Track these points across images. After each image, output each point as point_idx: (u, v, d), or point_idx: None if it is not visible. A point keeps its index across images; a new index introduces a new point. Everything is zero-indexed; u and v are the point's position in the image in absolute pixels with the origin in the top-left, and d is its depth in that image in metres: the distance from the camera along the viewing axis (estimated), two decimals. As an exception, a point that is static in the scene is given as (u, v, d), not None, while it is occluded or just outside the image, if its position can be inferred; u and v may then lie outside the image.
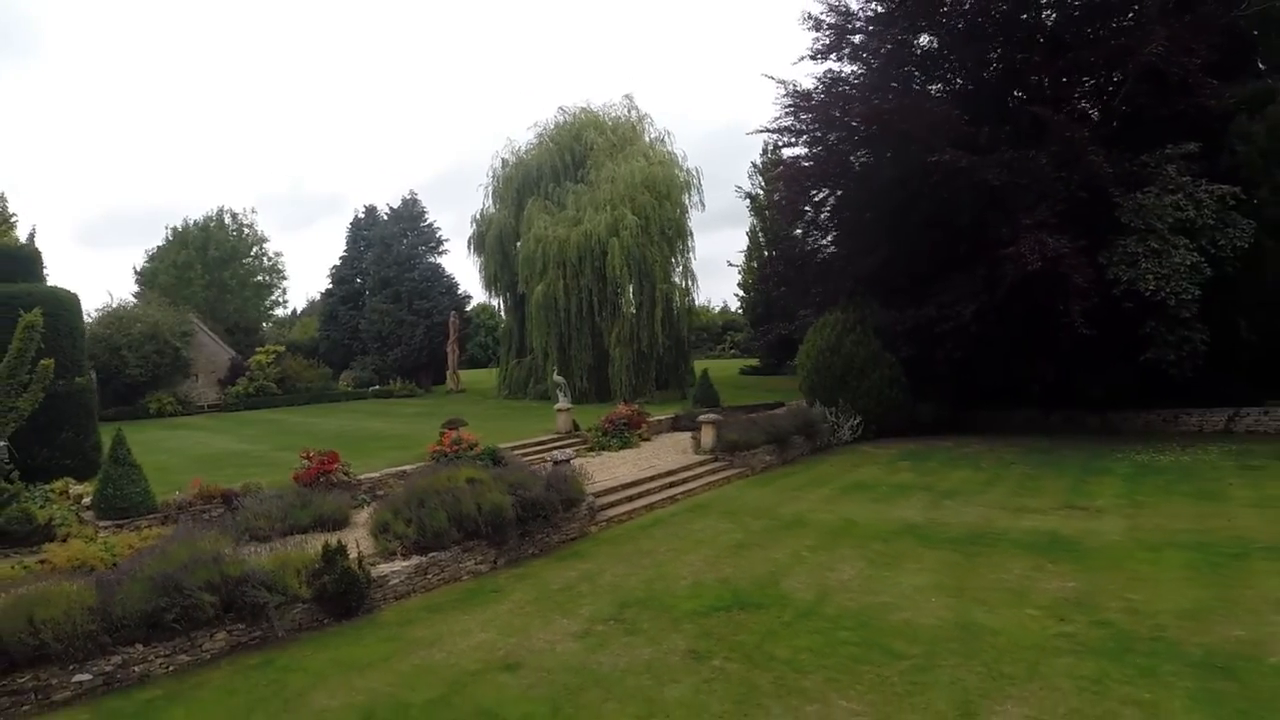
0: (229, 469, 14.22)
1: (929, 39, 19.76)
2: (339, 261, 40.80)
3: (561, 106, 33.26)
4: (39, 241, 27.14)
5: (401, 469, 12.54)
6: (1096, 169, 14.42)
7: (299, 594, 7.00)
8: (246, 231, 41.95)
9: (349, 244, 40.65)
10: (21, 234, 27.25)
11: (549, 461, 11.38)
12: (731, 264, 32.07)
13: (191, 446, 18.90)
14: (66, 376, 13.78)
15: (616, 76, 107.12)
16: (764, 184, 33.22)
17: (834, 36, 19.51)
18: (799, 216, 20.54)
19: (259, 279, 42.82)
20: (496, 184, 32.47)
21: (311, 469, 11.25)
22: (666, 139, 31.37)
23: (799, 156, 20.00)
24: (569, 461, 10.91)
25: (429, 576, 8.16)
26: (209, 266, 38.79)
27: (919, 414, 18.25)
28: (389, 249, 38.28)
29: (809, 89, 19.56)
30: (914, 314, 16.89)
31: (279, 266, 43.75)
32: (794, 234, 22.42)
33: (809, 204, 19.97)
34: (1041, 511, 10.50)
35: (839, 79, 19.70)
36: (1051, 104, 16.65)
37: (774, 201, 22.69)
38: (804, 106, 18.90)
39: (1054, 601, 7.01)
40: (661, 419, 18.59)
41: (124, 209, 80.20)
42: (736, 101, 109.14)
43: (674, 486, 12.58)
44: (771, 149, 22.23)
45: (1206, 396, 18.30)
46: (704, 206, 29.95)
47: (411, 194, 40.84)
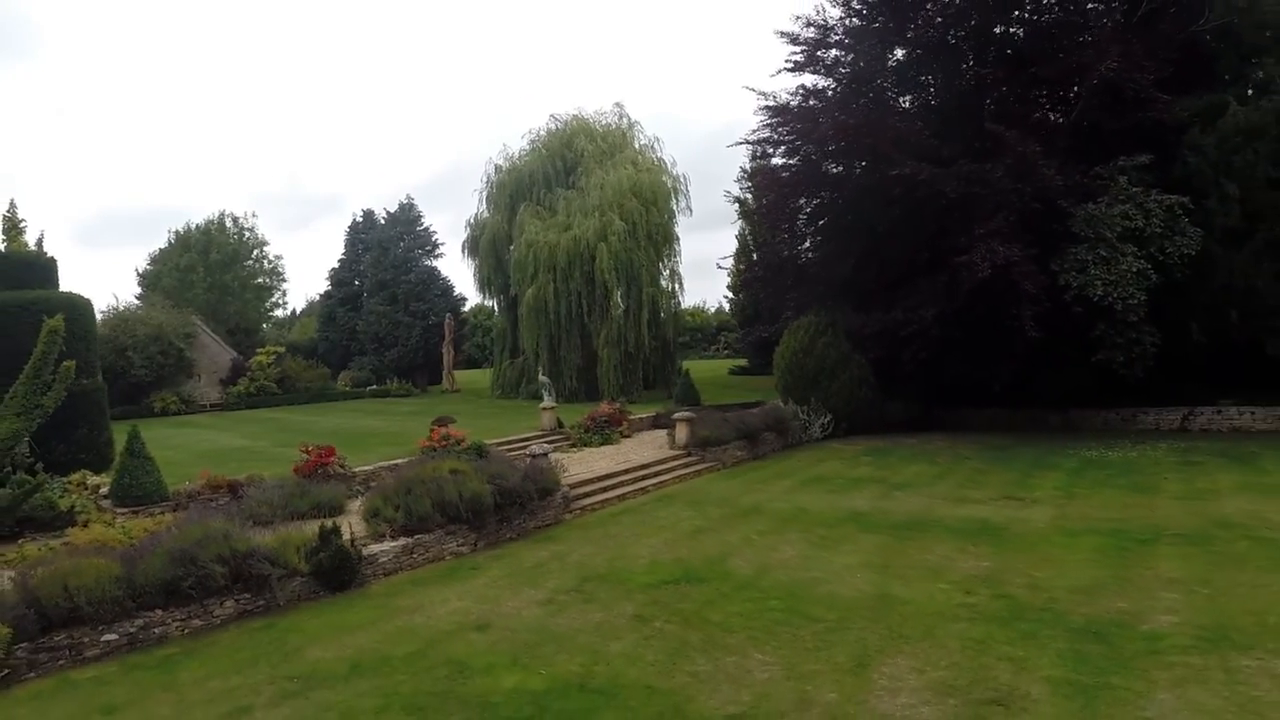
0: (232, 463, 15.12)
1: (903, 52, 20.71)
2: (337, 264, 41.80)
3: (553, 114, 34.26)
4: (46, 245, 27.99)
5: (393, 462, 13.46)
6: (1048, 182, 15.35)
7: (298, 568, 7.93)
8: (247, 235, 42.97)
9: (347, 247, 41.62)
10: (30, 238, 28.09)
11: (529, 456, 12.30)
12: (720, 266, 32.96)
13: (196, 443, 19.83)
14: (82, 377, 14.68)
15: (617, 72, 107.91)
16: (751, 189, 34.18)
17: (808, 51, 20.43)
18: (778, 224, 21.48)
19: (259, 281, 43.85)
20: (490, 190, 33.40)
21: (310, 462, 12.18)
22: (656, 145, 32.45)
23: (777, 167, 20.94)
24: (546, 455, 11.85)
25: (414, 556, 9.09)
26: (211, 269, 39.76)
27: (888, 412, 19.19)
28: (386, 252, 39.25)
29: (786, 101, 20.54)
30: (881, 317, 17.83)
31: (279, 269, 44.84)
32: (773, 240, 23.34)
33: (787, 212, 20.91)
34: (980, 502, 11.44)
35: (814, 92, 20.66)
36: (1017, 117, 17.56)
37: (757, 207, 23.58)
38: (781, 120, 19.85)
39: (965, 578, 7.93)
40: (643, 417, 19.52)
41: (121, 209, 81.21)
42: (736, 100, 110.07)
43: (647, 479, 13.52)
44: (759, 155, 23.02)
45: (1163, 396, 19.25)
46: (691, 211, 31.02)
47: (408, 198, 41.84)
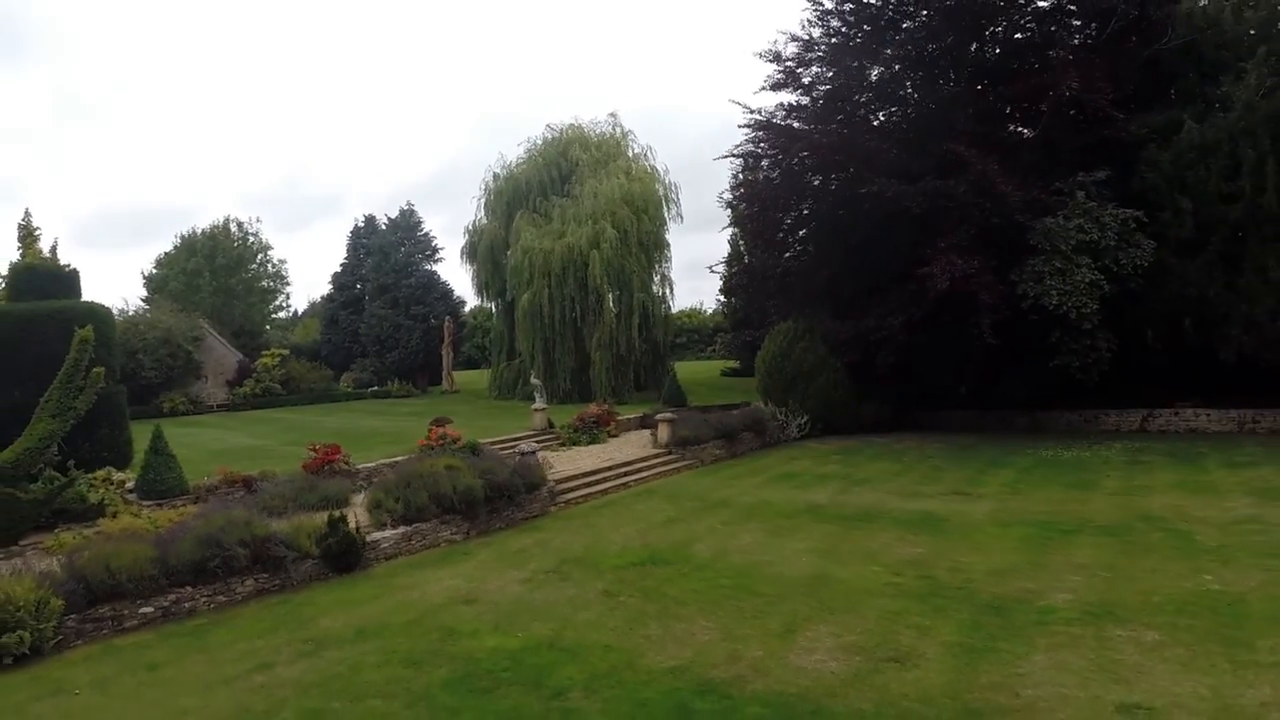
0: (244, 461, 16.15)
1: (879, 70, 21.74)
2: (339, 268, 42.96)
3: (549, 124, 35.39)
4: (58, 252, 29.09)
5: (394, 460, 14.51)
6: (1007, 198, 16.37)
7: (310, 552, 9.00)
8: (252, 240, 44.13)
9: (349, 251, 42.76)
10: (44, 245, 29.20)
11: (519, 454, 13.37)
12: (714, 270, 33.99)
13: (208, 442, 20.89)
14: (105, 381, 15.74)
15: (617, 69, 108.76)
16: (736, 199, 35.26)
17: (788, 70, 21.45)
18: (760, 235, 22.54)
19: (264, 285, 44.99)
20: (488, 197, 34.48)
21: (317, 459, 13.25)
22: (648, 154, 33.54)
23: (760, 180, 21.98)
24: (533, 454, 12.92)
25: (413, 542, 10.16)
26: (216, 274, 40.89)
27: (862, 413, 20.23)
28: (387, 257, 40.37)
29: (769, 117, 21.59)
30: (855, 324, 18.87)
31: (282, 273, 46.01)
32: (757, 249, 24.38)
33: (769, 223, 21.94)
34: (931, 496, 12.48)
35: (794, 109, 21.73)
36: (982, 135, 18.54)
37: (742, 218, 24.62)
38: (763, 136, 20.90)
39: (898, 562, 8.97)
40: (630, 417, 20.57)
41: (119, 208, 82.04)
42: (736, 98, 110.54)
43: (629, 476, 14.58)
44: (743, 168, 24.08)
45: (1125, 398, 20.27)
46: (682, 219, 32.09)
47: (409, 204, 43.08)
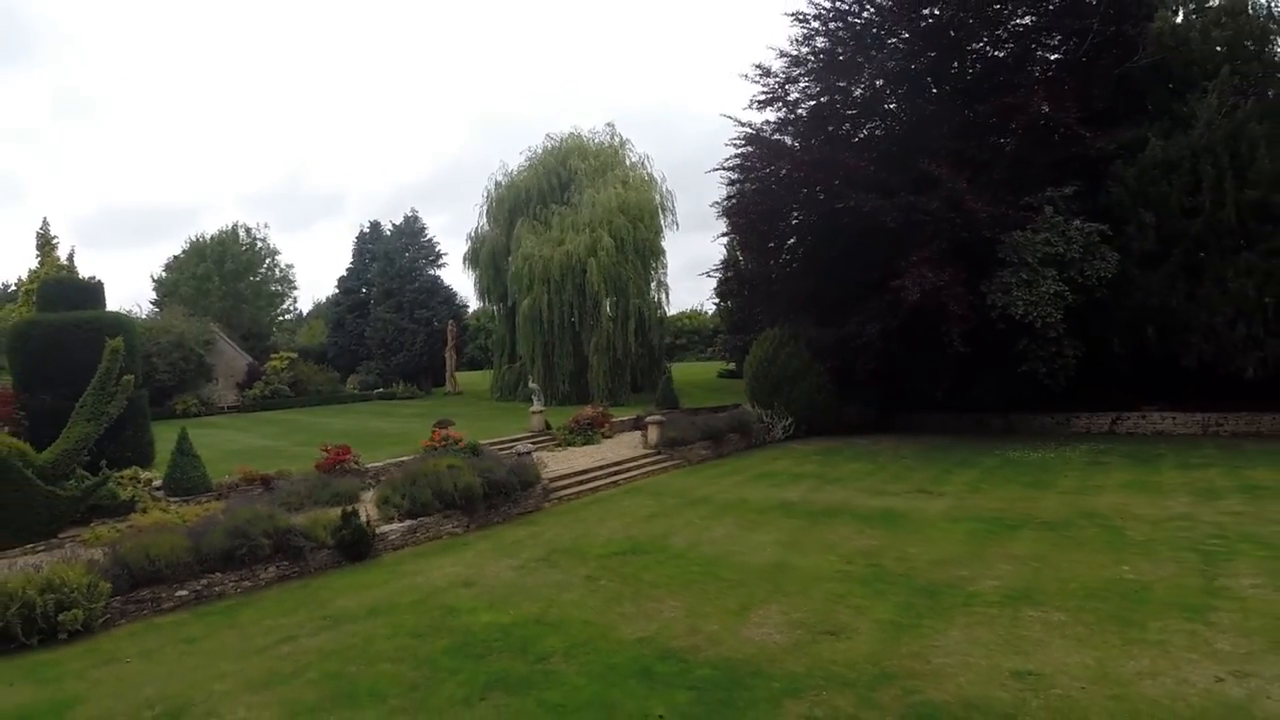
0: (258, 460, 17.23)
1: (864, 86, 22.73)
2: (345, 272, 44.19)
3: (549, 134, 36.50)
4: (75, 260, 30.26)
5: (400, 460, 15.57)
6: (975, 214, 17.36)
7: (325, 542, 10.05)
8: (260, 245, 45.32)
9: (354, 256, 43.98)
10: (61, 253, 30.36)
11: (516, 454, 14.40)
12: (711, 274, 34.95)
13: (222, 442, 21.99)
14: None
15: (617, 66, 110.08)
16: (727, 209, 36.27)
17: (776, 88, 22.48)
18: (749, 245, 23.56)
19: (272, 289, 46.19)
20: (490, 205, 35.63)
21: (329, 459, 14.31)
22: (645, 162, 34.72)
23: (748, 192, 22.97)
24: (529, 454, 13.96)
25: (417, 535, 11.21)
26: (226, 278, 42.08)
27: (845, 416, 21.24)
28: (392, 262, 41.54)
29: (757, 130, 22.60)
30: (837, 331, 19.88)
31: (290, 277, 47.23)
32: (746, 258, 25.42)
33: (757, 234, 22.96)
34: (895, 494, 13.48)
35: (782, 123, 22.75)
36: (954, 151, 19.54)
37: (732, 227, 25.59)
38: (752, 149, 21.92)
39: (852, 552, 9.97)
40: (624, 419, 21.60)
41: (120, 209, 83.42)
42: (738, 93, 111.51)
43: (619, 475, 15.61)
44: (733, 181, 25.05)
45: (1095, 402, 21.22)
46: (678, 226, 33.26)
47: (413, 210, 44.29)
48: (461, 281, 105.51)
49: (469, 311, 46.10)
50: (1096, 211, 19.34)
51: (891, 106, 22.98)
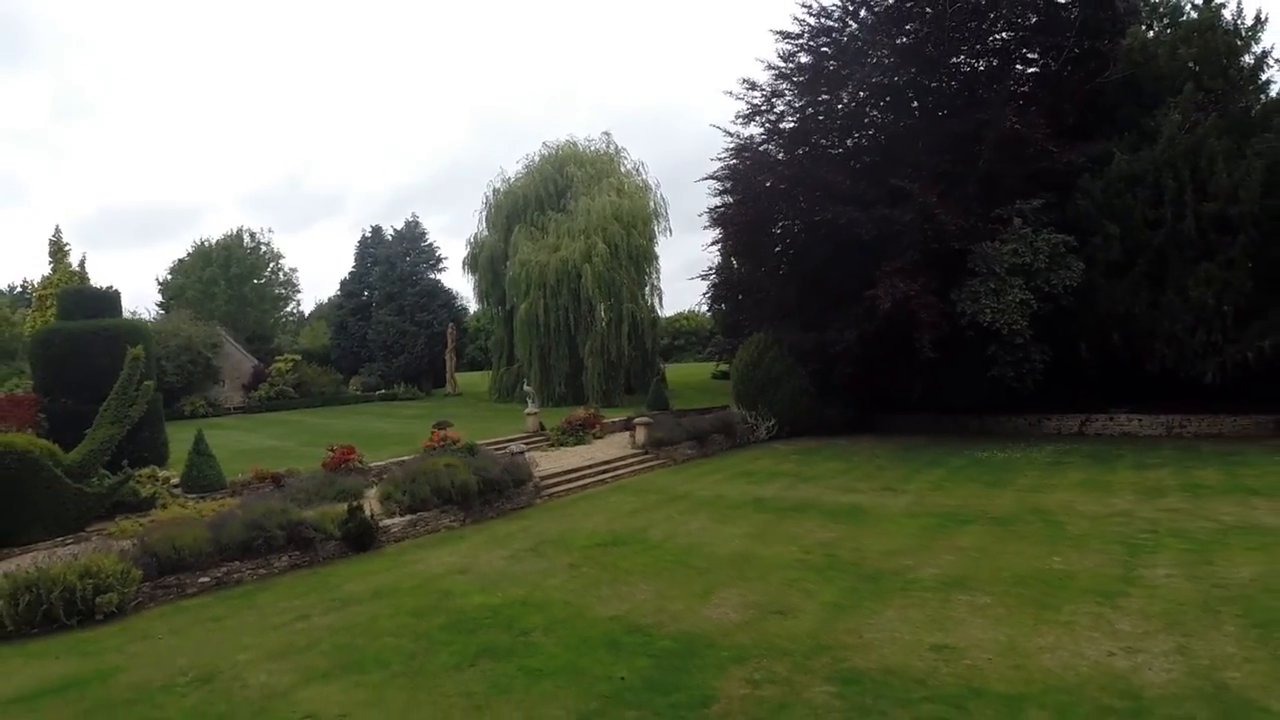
0: (267, 460, 18.20)
1: (847, 99, 23.68)
2: (348, 276, 45.20)
3: (545, 142, 37.68)
4: (86, 266, 31.32)
5: (401, 459, 16.54)
6: (945, 227, 18.31)
7: (333, 534, 11.04)
8: (264, 250, 46.39)
9: (357, 260, 45.03)
10: (73, 259, 31.41)
11: (510, 454, 15.39)
12: (704, 277, 35.85)
13: (232, 443, 22.96)
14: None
15: (618, 63, 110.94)
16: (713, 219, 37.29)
17: (763, 101, 23.46)
18: (735, 253, 24.53)
19: (276, 292, 47.27)
20: (489, 211, 36.64)
21: (335, 458, 15.30)
22: (640, 169, 35.73)
23: (733, 203, 23.94)
24: (522, 454, 14.95)
25: (417, 528, 12.20)
26: (231, 282, 43.14)
27: (826, 417, 22.20)
28: (393, 267, 42.60)
29: (744, 143, 23.58)
30: (817, 337, 20.83)
31: (293, 280, 48.35)
32: (732, 265, 26.40)
33: (742, 244, 23.93)
34: (863, 491, 14.44)
35: (770, 134, 23.72)
36: (927, 167, 20.48)
37: (720, 237, 26.55)
38: (737, 165, 22.88)
39: (813, 544, 10.94)
40: (616, 420, 22.57)
41: (121, 209, 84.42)
42: (734, 101, 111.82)
43: (607, 473, 16.59)
44: (721, 191, 26.01)
45: (1068, 404, 22.17)
46: (671, 232, 34.40)
47: (414, 216, 45.37)
48: (461, 283, 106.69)
49: (469, 314, 47.16)
50: (1065, 223, 20.21)
51: (875, 115, 23.88)
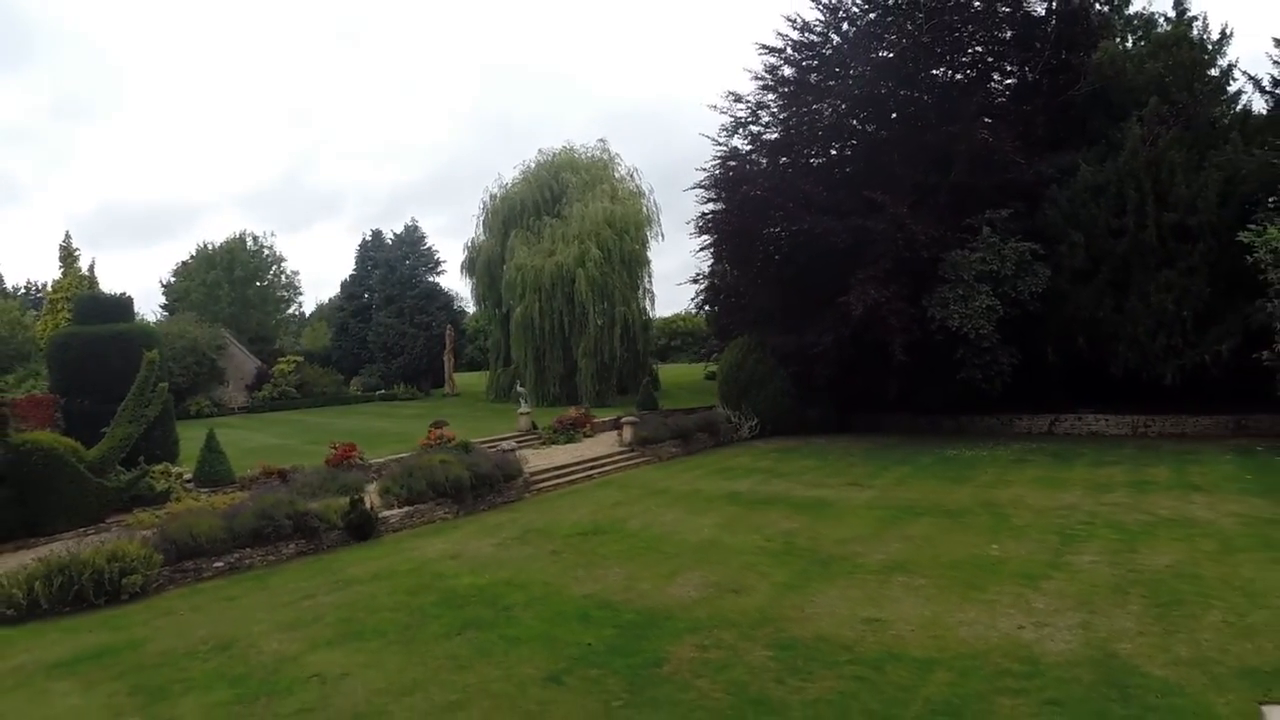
0: (272, 456, 19.22)
1: (829, 110, 24.64)
2: (348, 279, 46.26)
3: (541, 149, 38.57)
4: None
5: (399, 456, 17.53)
6: (916, 236, 19.30)
7: (336, 524, 12.04)
8: (266, 253, 47.45)
9: (357, 264, 46.09)
10: (83, 264, 32.44)
11: (501, 451, 16.38)
12: (695, 281, 36.83)
13: (237, 441, 23.92)
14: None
15: (617, 61, 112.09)
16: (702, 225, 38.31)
17: (749, 112, 24.46)
18: (720, 259, 25.53)
19: (279, 294, 48.34)
20: (486, 215, 37.65)
21: (337, 455, 16.31)
22: (634, 175, 36.76)
23: (719, 211, 24.93)
24: (513, 451, 15.95)
25: (414, 519, 13.20)
26: (235, 285, 44.18)
27: (807, 417, 23.19)
28: (393, 270, 43.63)
29: (731, 152, 24.58)
30: (797, 340, 21.81)
31: (295, 283, 49.38)
32: (718, 270, 27.40)
33: (727, 250, 24.91)
34: (830, 486, 15.41)
35: (754, 145, 24.72)
36: (901, 177, 21.43)
37: (709, 243, 27.51)
38: (720, 175, 23.88)
39: (776, 533, 11.91)
40: (605, 419, 23.54)
41: (122, 209, 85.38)
42: (739, 87, 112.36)
43: (594, 470, 17.58)
44: (708, 199, 27.00)
45: (1038, 405, 23.15)
46: (664, 237, 35.14)
47: (413, 220, 46.46)
48: (460, 285, 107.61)
49: (467, 316, 48.18)
50: (1034, 231, 21.18)
51: (856, 126, 24.83)
